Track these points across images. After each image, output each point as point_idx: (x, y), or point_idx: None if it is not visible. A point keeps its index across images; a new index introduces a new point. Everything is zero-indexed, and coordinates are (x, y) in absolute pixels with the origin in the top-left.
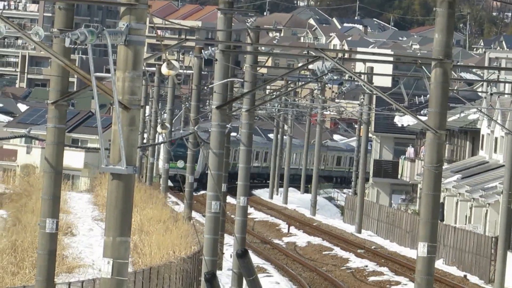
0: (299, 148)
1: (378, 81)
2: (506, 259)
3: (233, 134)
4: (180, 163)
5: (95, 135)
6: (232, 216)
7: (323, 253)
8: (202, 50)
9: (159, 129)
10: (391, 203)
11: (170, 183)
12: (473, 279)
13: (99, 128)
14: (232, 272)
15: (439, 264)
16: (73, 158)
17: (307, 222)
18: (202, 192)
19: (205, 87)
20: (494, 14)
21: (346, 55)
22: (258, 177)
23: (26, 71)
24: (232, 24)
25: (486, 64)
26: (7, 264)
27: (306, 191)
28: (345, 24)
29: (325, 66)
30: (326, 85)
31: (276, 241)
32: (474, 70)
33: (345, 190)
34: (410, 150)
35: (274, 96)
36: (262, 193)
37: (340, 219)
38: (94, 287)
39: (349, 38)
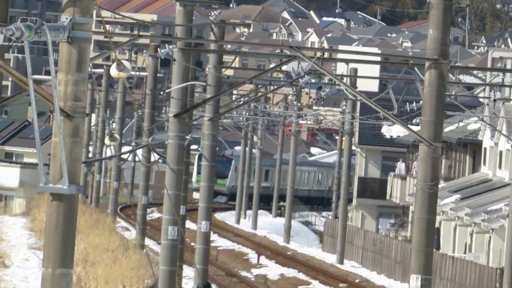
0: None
1: (363, 85)
2: None
3: (193, 146)
4: None
5: (32, 148)
6: (192, 244)
7: (299, 287)
8: (158, 49)
9: (107, 141)
10: (379, 228)
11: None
12: None
13: (37, 140)
14: None
15: None
16: (6, 175)
17: (280, 251)
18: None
19: (161, 92)
20: (498, 6)
21: (326, 55)
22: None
23: None
24: (193, 18)
25: (489, 65)
26: None
27: (279, 214)
28: (324, 18)
29: (301, 67)
30: (303, 90)
31: (244, 273)
32: (474, 72)
33: (324, 213)
34: (401, 166)
35: (241, 102)
36: (227, 217)
37: (319, 247)
38: None
39: (329, 35)
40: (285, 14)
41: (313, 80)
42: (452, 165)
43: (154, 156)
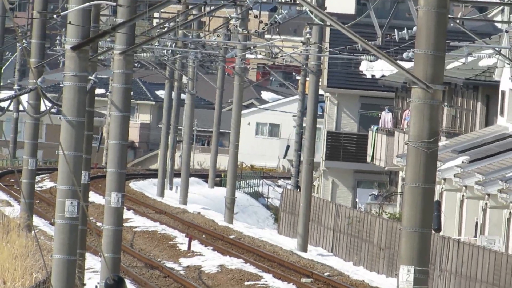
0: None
1: (334, 4)
2: None
3: (99, 90)
4: None
5: None
6: (99, 223)
7: (246, 283)
8: None
9: None
10: (356, 202)
11: None
12: None
13: None
14: None
15: None
16: None
17: (220, 234)
18: None
19: (55, 16)
20: None
21: None
22: None
23: None
24: None
25: None
26: None
27: (218, 183)
28: None
29: None
30: (250, 12)
31: (169, 264)
32: None
33: (280, 182)
34: (386, 117)
35: (166, 29)
36: (147, 187)
37: (273, 228)
38: None
39: None
40: None
41: None
42: (458, 116)
43: (45, 104)
